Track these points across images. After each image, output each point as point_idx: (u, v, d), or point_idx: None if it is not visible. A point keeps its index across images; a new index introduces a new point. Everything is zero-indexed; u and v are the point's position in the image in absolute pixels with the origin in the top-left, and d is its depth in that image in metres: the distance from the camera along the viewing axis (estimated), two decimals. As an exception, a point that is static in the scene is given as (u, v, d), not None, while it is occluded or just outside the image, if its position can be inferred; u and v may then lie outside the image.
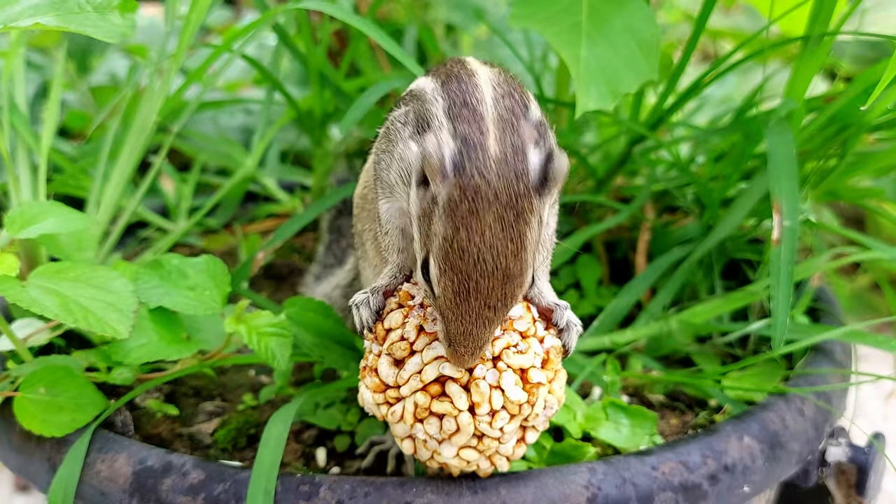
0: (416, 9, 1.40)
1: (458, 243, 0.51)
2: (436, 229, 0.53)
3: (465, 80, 0.57)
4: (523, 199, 0.51)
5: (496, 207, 0.51)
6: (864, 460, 0.76)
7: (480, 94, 0.55)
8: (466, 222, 0.51)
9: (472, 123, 0.53)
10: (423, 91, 0.59)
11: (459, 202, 0.51)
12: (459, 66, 0.59)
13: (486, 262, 0.51)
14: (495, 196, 0.51)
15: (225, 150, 1.18)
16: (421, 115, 0.58)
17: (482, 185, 0.51)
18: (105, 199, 0.91)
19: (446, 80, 0.58)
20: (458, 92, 0.56)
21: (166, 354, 0.69)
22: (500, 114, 0.54)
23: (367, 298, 0.61)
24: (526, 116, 0.55)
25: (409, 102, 0.62)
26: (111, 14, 0.70)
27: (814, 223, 0.90)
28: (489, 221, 0.51)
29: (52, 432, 0.68)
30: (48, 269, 0.70)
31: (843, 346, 0.84)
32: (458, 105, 0.55)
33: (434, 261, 0.53)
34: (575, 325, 0.62)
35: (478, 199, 0.51)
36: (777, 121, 0.82)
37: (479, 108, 0.54)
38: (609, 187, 1.05)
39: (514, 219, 0.51)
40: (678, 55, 0.95)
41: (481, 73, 0.58)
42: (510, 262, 0.52)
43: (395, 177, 0.60)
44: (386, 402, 0.59)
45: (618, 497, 0.62)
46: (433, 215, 0.53)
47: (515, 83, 0.58)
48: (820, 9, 0.82)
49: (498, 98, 0.55)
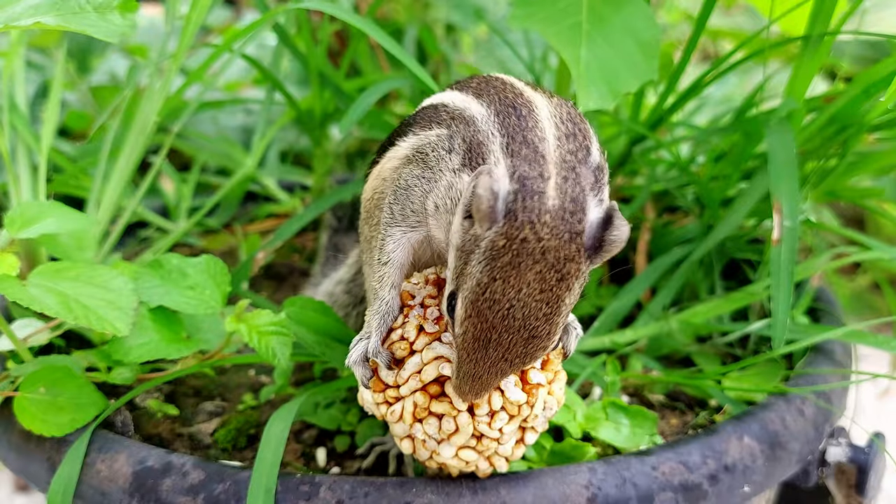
0: (416, 9, 1.40)
1: (490, 293, 0.48)
2: (471, 270, 0.49)
3: (526, 114, 0.53)
4: (571, 263, 0.48)
5: (540, 266, 0.47)
6: (863, 460, 0.76)
7: (542, 131, 0.51)
8: (505, 274, 0.48)
9: (534, 164, 0.49)
10: (472, 116, 0.55)
11: (503, 252, 0.47)
12: (515, 96, 0.55)
13: (515, 318, 0.48)
14: (542, 254, 0.47)
15: (225, 150, 1.18)
16: (473, 145, 0.53)
17: (532, 239, 0.47)
18: (105, 199, 0.91)
19: (503, 110, 0.53)
20: (518, 128, 0.51)
21: (166, 353, 0.69)
22: (562, 157, 0.50)
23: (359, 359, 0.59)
24: (587, 161, 0.51)
25: (451, 125, 0.56)
26: (111, 14, 0.70)
27: (814, 223, 0.90)
28: (529, 279, 0.47)
29: (51, 432, 0.68)
30: (48, 269, 0.70)
31: (843, 346, 0.84)
32: (518, 142, 0.50)
33: (462, 302, 0.50)
34: (574, 328, 0.62)
35: (523, 254, 0.47)
36: (777, 121, 0.82)
37: (541, 148, 0.50)
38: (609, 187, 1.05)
39: (557, 282, 0.48)
40: (678, 55, 0.95)
41: (541, 106, 0.54)
42: (540, 324, 0.49)
43: (433, 206, 0.56)
44: (385, 401, 0.59)
45: (618, 497, 0.62)
46: (472, 254, 0.49)
47: (577, 118, 0.54)
48: (820, 9, 0.82)
49: (561, 138, 0.51)
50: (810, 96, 0.89)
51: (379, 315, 0.59)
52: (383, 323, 0.59)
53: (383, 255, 0.60)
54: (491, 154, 0.51)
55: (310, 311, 0.73)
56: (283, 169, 1.26)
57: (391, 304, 0.60)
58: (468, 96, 0.57)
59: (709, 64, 1.04)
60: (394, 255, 0.60)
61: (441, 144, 0.56)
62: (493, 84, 0.58)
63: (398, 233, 0.59)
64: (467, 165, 0.53)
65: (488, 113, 0.54)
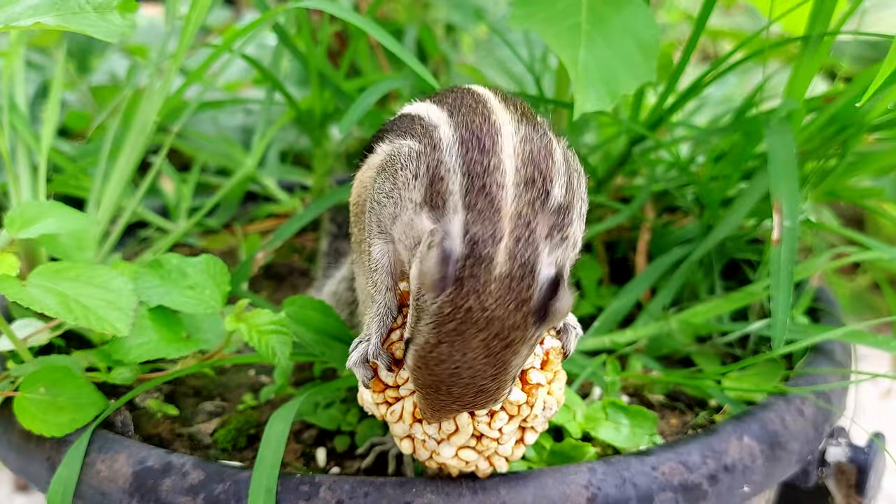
0: (416, 9, 1.40)
1: (437, 353, 0.49)
2: (421, 328, 0.50)
3: (488, 147, 0.52)
4: (516, 331, 0.48)
5: (484, 335, 0.48)
6: (863, 460, 0.76)
7: (503, 175, 0.50)
8: (450, 339, 0.48)
9: (487, 223, 0.48)
10: (439, 140, 0.54)
11: (448, 319, 0.48)
12: (483, 121, 0.54)
13: (462, 377, 0.50)
14: (487, 323, 0.48)
15: (225, 150, 1.18)
16: (435, 178, 0.52)
17: (476, 308, 0.47)
18: (105, 199, 0.91)
19: (467, 135, 0.52)
20: (480, 169, 0.50)
21: (166, 353, 0.69)
22: (518, 210, 0.49)
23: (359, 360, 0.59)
24: (545, 205, 0.50)
25: (422, 140, 0.55)
26: (111, 14, 0.70)
27: (814, 223, 0.90)
28: (473, 346, 0.48)
29: (51, 432, 0.67)
30: (48, 269, 0.70)
31: (842, 346, 0.84)
32: (477, 189, 0.50)
33: (412, 353, 0.51)
34: (574, 327, 0.62)
35: (468, 322, 0.48)
36: (777, 121, 0.82)
37: (498, 200, 0.49)
38: (609, 187, 1.05)
39: (502, 349, 0.49)
40: (678, 55, 0.95)
41: (507, 137, 0.52)
42: (486, 383, 0.50)
43: (399, 233, 0.56)
44: (385, 401, 0.59)
45: (618, 497, 0.62)
46: (423, 311, 0.50)
47: (540, 154, 0.52)
48: (820, 9, 0.82)
49: (520, 185, 0.50)
50: (810, 96, 0.89)
51: (378, 317, 0.60)
52: (383, 325, 0.60)
53: (372, 262, 0.61)
54: (450, 198, 0.51)
55: (309, 310, 0.73)
56: (283, 169, 1.27)
57: (389, 306, 0.60)
58: (442, 113, 0.57)
59: (709, 64, 1.04)
60: (382, 262, 0.60)
61: (409, 164, 0.55)
62: (467, 102, 0.57)
63: (380, 242, 0.60)
64: (427, 203, 0.52)
65: (453, 140, 0.53)
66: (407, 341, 0.53)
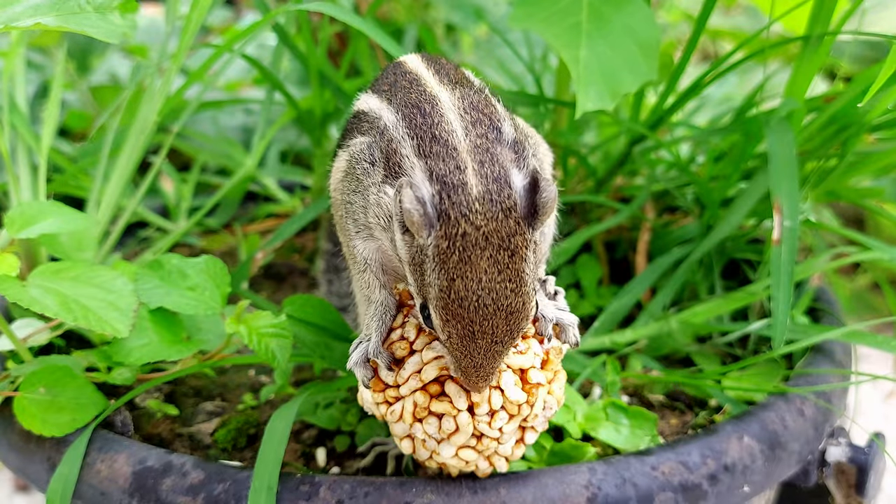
0: (416, 9, 1.40)
1: (455, 293, 0.49)
2: (430, 280, 0.50)
3: (429, 110, 0.54)
4: (516, 237, 0.49)
5: (489, 251, 0.49)
6: (863, 460, 0.76)
7: (449, 124, 0.52)
8: (460, 272, 0.49)
9: (448, 160, 0.50)
10: (384, 125, 0.56)
11: (450, 253, 0.49)
12: (419, 94, 0.56)
13: (487, 305, 0.50)
14: (486, 239, 0.49)
15: (225, 150, 1.18)
16: (389, 154, 0.54)
17: (470, 230, 0.49)
18: (105, 199, 0.91)
19: (408, 112, 0.54)
20: (425, 126, 0.53)
21: (167, 355, 0.69)
22: (473, 143, 0.51)
23: (360, 360, 0.60)
24: (500, 139, 0.52)
25: (368, 132, 0.58)
26: (111, 14, 0.70)
27: (814, 223, 0.90)
28: (484, 267, 0.49)
29: (51, 432, 0.68)
30: (48, 269, 0.70)
31: (843, 346, 0.84)
32: (428, 140, 0.52)
33: (434, 310, 0.51)
34: (570, 325, 0.61)
35: (468, 247, 0.49)
36: (777, 121, 0.82)
37: (451, 141, 0.51)
38: (609, 187, 1.05)
39: (510, 258, 0.49)
40: (678, 55, 0.95)
41: (444, 100, 0.55)
42: (511, 301, 0.50)
43: (374, 220, 0.57)
44: (385, 401, 0.59)
45: (618, 497, 0.62)
46: (424, 264, 0.50)
47: (480, 104, 0.55)
48: (820, 8, 0.82)
49: (468, 126, 0.52)
50: (810, 96, 0.89)
51: (377, 317, 0.60)
52: (382, 324, 0.60)
53: (359, 262, 0.61)
54: (405, 160, 0.53)
55: (309, 310, 0.73)
56: (283, 169, 1.27)
57: (387, 304, 0.61)
58: (381, 102, 0.59)
59: (709, 64, 1.04)
60: (369, 261, 0.61)
61: (364, 156, 0.58)
62: (401, 83, 0.59)
63: (361, 241, 0.61)
64: (389, 177, 0.54)
65: (396, 119, 0.55)
66: (422, 307, 0.53)
